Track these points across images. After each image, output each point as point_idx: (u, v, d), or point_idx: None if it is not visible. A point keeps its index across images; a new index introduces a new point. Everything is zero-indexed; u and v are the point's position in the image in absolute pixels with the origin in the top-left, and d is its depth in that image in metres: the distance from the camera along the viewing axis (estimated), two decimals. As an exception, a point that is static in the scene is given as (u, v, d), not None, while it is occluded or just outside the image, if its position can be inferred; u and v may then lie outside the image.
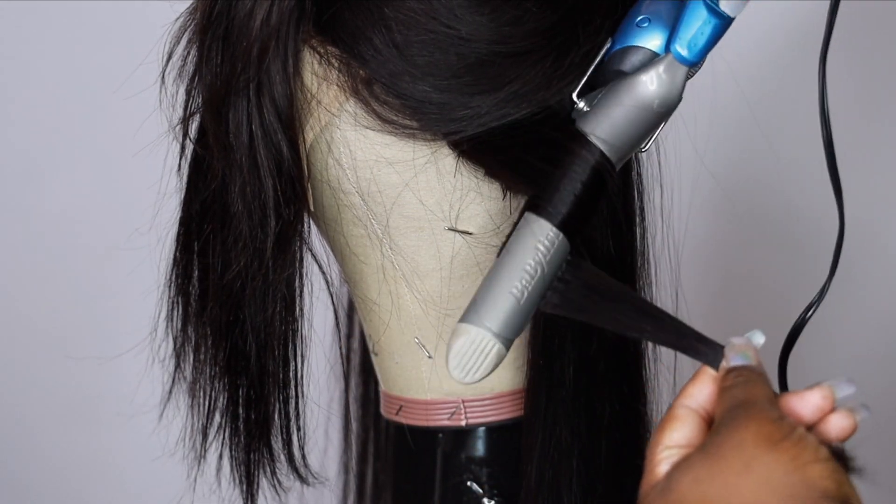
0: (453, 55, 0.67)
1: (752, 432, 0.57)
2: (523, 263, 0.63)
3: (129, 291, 0.99)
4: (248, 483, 0.76)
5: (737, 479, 0.57)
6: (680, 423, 0.62)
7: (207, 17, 0.68)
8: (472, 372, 0.63)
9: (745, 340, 0.63)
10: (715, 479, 0.57)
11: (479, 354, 0.63)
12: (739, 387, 0.61)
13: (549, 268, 0.63)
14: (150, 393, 0.81)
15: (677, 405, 0.63)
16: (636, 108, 0.65)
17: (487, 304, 0.63)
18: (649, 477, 0.61)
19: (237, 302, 0.70)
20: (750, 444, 0.57)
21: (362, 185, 0.70)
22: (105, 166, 1.40)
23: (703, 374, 0.63)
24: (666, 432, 0.62)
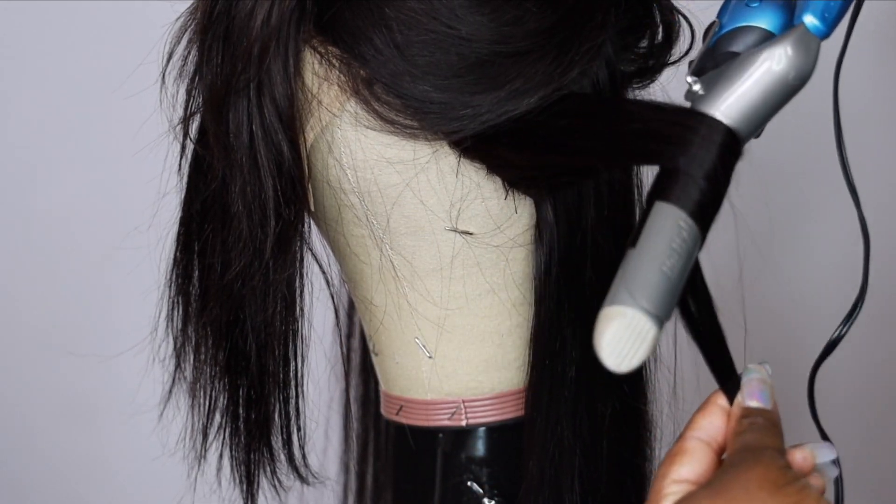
0: (454, 55, 0.67)
1: (758, 475, 0.59)
2: (670, 242, 0.59)
3: (130, 291, 0.99)
4: (249, 483, 0.76)
5: None
6: (689, 458, 0.63)
7: (208, 16, 0.68)
8: (628, 358, 0.57)
9: (763, 373, 0.64)
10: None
11: (636, 338, 0.57)
12: (753, 432, 0.62)
13: (693, 249, 0.60)
14: (151, 392, 0.81)
15: (688, 437, 0.63)
16: (770, 83, 0.62)
17: (639, 283, 0.57)
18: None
19: (237, 302, 0.70)
20: (755, 486, 0.58)
21: (363, 185, 0.70)
22: (105, 166, 1.40)
23: (714, 405, 0.64)
24: (675, 466, 0.62)
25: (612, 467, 0.72)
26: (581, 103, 0.68)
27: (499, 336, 0.73)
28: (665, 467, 0.62)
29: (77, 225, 1.43)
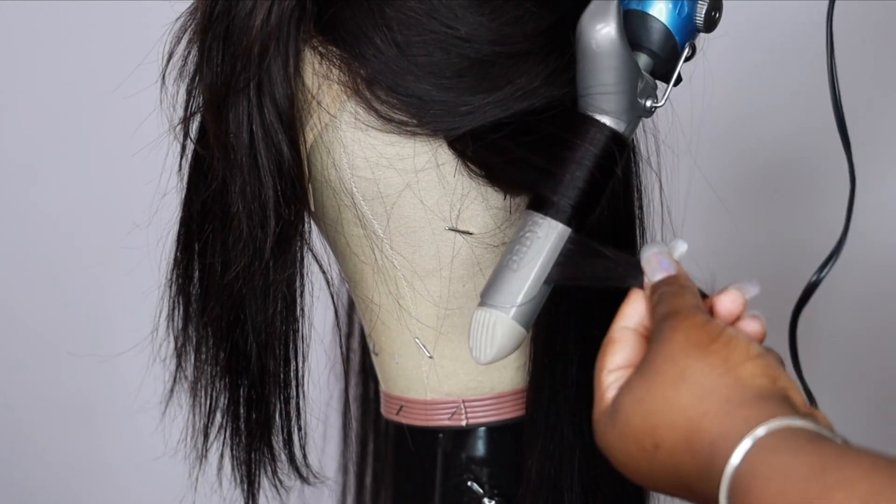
0: (454, 55, 0.67)
1: (680, 342, 0.57)
2: (517, 241, 0.65)
3: (130, 291, 0.99)
4: (250, 482, 0.76)
5: (673, 391, 0.56)
6: (619, 346, 0.61)
7: (208, 16, 0.68)
8: (483, 349, 0.65)
9: (658, 249, 0.63)
10: (654, 396, 0.57)
11: (484, 329, 0.64)
12: (665, 300, 0.60)
13: (546, 239, 0.65)
14: (152, 392, 0.81)
15: (614, 328, 0.62)
16: (585, 57, 0.65)
17: (485, 285, 0.65)
18: (599, 404, 0.60)
19: (238, 302, 0.70)
20: (680, 353, 0.57)
21: (363, 185, 0.70)
22: (105, 166, 1.40)
23: (635, 292, 0.63)
24: (607, 356, 0.61)
25: (612, 467, 0.72)
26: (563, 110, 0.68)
27: (499, 336, 0.73)
28: (599, 361, 0.62)
29: (77, 225, 1.43)
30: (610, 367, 0.61)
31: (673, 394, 0.56)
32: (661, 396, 0.57)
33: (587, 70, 0.65)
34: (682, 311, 0.59)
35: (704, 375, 0.56)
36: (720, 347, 0.57)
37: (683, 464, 0.56)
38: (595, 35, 0.64)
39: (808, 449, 0.52)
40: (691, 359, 0.57)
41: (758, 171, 1.27)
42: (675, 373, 0.57)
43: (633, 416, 0.58)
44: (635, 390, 0.58)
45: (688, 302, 0.60)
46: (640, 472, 0.58)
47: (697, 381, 0.56)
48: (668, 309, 0.60)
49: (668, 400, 0.56)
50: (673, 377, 0.57)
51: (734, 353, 0.57)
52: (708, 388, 0.56)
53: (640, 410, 0.57)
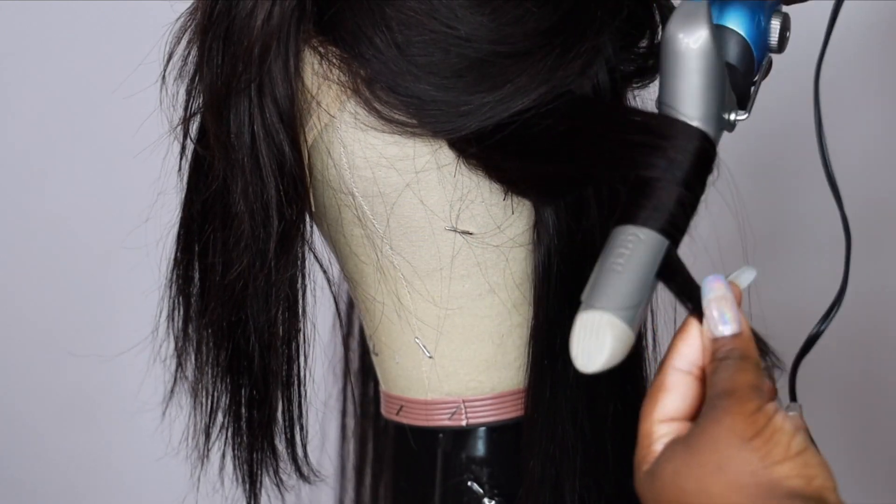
0: (454, 55, 0.67)
1: (726, 429, 0.57)
2: (619, 245, 0.61)
3: (130, 291, 0.99)
4: (252, 482, 0.76)
5: (711, 477, 0.57)
6: (672, 395, 0.61)
7: (208, 16, 0.68)
8: (595, 354, 0.60)
9: (722, 293, 0.61)
10: (692, 475, 0.57)
11: (593, 333, 0.60)
12: (724, 372, 0.59)
13: (650, 242, 0.62)
14: (153, 392, 0.81)
15: (668, 370, 0.61)
16: (675, 60, 0.63)
17: (590, 286, 0.61)
18: (645, 455, 0.60)
19: (239, 302, 0.70)
20: (723, 442, 0.57)
21: (363, 185, 0.70)
22: (106, 166, 1.40)
23: (692, 326, 0.62)
24: (658, 405, 0.60)
25: (614, 467, 0.72)
26: (575, 108, 0.67)
27: (499, 336, 0.73)
28: (648, 407, 0.60)
29: (77, 224, 1.43)
30: (660, 418, 0.60)
31: (709, 480, 0.57)
32: (698, 478, 0.57)
33: (675, 73, 0.63)
34: (738, 393, 0.58)
35: (741, 470, 0.56)
36: (761, 444, 0.57)
37: None
38: (689, 37, 0.62)
39: None
40: (732, 450, 0.57)
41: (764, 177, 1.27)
42: (714, 460, 0.57)
43: (668, 486, 0.58)
44: (676, 463, 0.58)
45: (747, 381, 0.59)
46: None
47: (734, 474, 0.56)
48: (726, 386, 0.59)
49: (703, 484, 0.57)
50: (713, 464, 0.57)
51: (774, 451, 0.57)
52: (742, 482, 0.56)
53: (677, 484, 0.58)
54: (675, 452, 0.59)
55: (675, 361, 0.61)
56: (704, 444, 0.57)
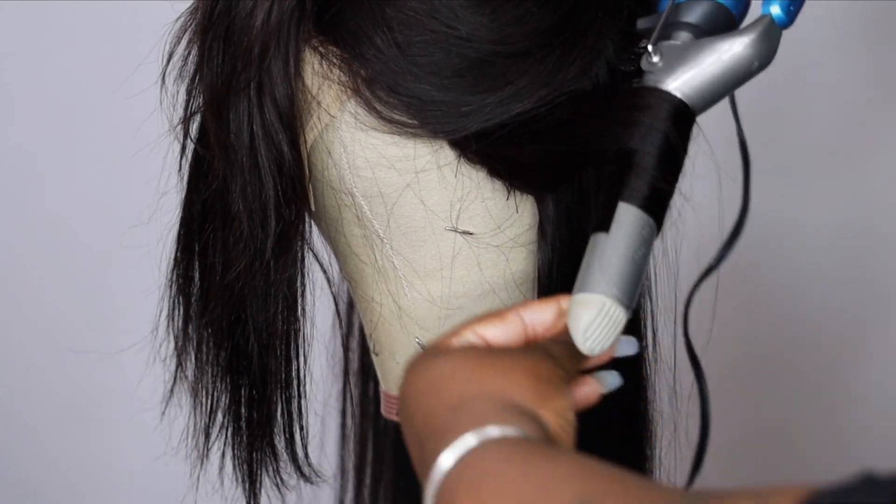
0: (455, 55, 0.67)
1: (531, 362, 0.59)
2: (641, 231, 0.63)
3: (131, 289, 0.99)
4: (251, 482, 0.76)
5: (468, 383, 0.58)
6: (501, 323, 0.62)
7: (208, 16, 0.68)
8: (601, 343, 0.61)
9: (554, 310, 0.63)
10: (468, 368, 0.58)
11: (610, 325, 0.61)
12: (557, 345, 0.62)
13: (652, 236, 0.64)
14: (153, 391, 0.81)
15: (513, 309, 0.63)
16: (734, 67, 0.65)
17: (616, 274, 0.62)
18: (443, 339, 0.61)
19: (239, 302, 0.70)
20: (521, 367, 0.58)
21: (363, 185, 0.70)
22: (106, 165, 1.40)
23: (555, 302, 0.63)
24: (484, 321, 0.62)
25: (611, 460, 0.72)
26: (572, 102, 0.68)
27: (499, 336, 0.73)
28: (477, 319, 0.62)
29: (77, 223, 1.43)
30: (477, 329, 0.61)
31: (467, 385, 0.58)
32: (469, 374, 0.58)
33: (723, 75, 0.66)
34: (558, 358, 0.61)
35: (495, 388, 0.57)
36: (550, 391, 0.58)
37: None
38: (763, 57, 0.66)
39: (522, 456, 0.52)
40: (525, 375, 0.58)
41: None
42: (505, 372, 0.58)
43: (434, 376, 0.59)
44: (466, 356, 0.59)
45: (571, 363, 0.61)
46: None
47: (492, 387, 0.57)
48: (552, 350, 0.61)
49: (459, 383, 0.58)
50: (488, 368, 0.58)
51: (556, 399, 0.58)
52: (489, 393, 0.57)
53: (442, 377, 0.59)
54: (475, 351, 0.60)
55: (526, 312, 0.63)
56: (507, 359, 0.59)
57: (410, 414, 0.59)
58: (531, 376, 0.58)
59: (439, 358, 0.59)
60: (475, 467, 0.53)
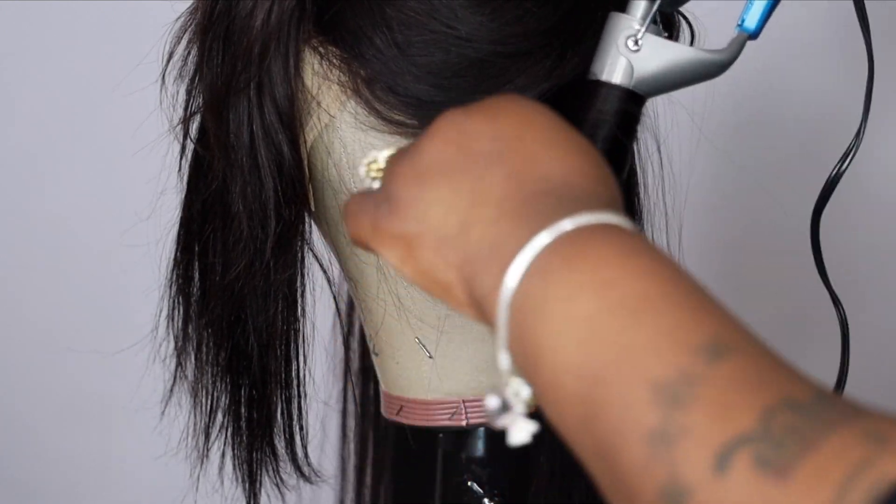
0: (454, 55, 0.67)
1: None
2: None
3: (130, 289, 0.99)
4: (251, 482, 0.76)
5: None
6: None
7: (208, 16, 0.68)
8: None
9: None
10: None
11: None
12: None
13: None
14: (152, 391, 0.81)
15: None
16: (701, 70, 0.66)
17: None
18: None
19: (239, 302, 0.71)
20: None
21: (363, 185, 0.70)
22: (106, 165, 1.40)
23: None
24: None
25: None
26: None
27: (499, 336, 0.73)
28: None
29: (77, 223, 1.43)
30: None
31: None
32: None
33: (683, 78, 0.66)
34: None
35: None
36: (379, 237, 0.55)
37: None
38: (728, 64, 0.66)
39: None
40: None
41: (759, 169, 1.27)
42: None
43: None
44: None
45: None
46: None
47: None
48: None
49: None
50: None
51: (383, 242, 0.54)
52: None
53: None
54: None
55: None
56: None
57: (508, 140, 0.52)
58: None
59: (580, 136, 0.54)
60: (603, 244, 0.47)
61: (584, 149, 0.53)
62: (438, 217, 0.51)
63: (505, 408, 0.49)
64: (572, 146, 0.52)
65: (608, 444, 0.44)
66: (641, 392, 0.43)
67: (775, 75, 1.23)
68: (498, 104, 0.54)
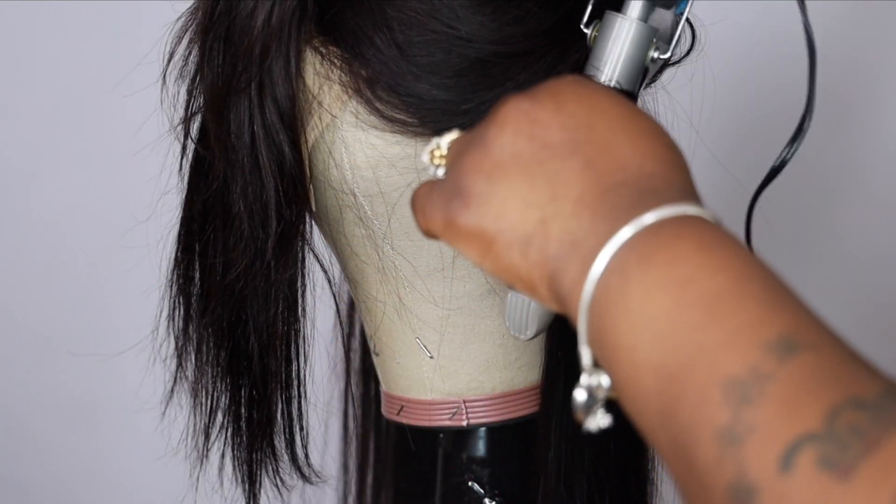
0: (455, 55, 0.67)
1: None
2: None
3: (130, 290, 0.99)
4: (251, 482, 0.76)
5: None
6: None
7: (209, 16, 0.68)
8: (523, 329, 0.64)
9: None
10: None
11: (522, 309, 0.64)
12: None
13: None
14: (152, 392, 0.81)
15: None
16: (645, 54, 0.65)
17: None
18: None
19: (239, 302, 0.70)
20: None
21: (364, 185, 0.70)
22: (106, 165, 1.40)
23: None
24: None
25: (618, 465, 0.72)
26: None
27: (500, 336, 0.73)
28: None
29: (77, 224, 1.43)
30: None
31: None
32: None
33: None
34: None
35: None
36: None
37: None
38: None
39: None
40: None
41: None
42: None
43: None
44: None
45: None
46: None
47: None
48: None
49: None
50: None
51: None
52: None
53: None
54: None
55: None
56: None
57: (579, 127, 0.52)
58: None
59: (643, 113, 0.53)
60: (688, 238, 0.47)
61: (654, 131, 0.53)
62: (517, 214, 0.51)
63: (591, 401, 0.49)
64: (642, 129, 0.52)
65: (682, 441, 0.44)
66: (713, 390, 0.44)
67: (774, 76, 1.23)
68: (562, 88, 0.53)
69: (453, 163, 0.55)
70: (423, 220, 0.56)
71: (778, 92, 1.24)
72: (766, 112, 1.26)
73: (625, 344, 0.47)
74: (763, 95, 1.25)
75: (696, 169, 0.64)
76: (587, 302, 0.48)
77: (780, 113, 1.24)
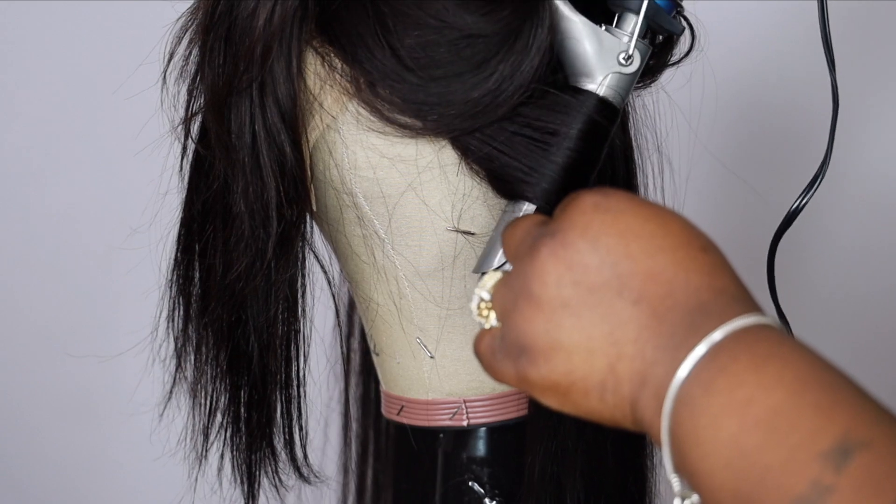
0: (453, 54, 0.67)
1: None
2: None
3: (130, 291, 0.99)
4: (250, 483, 0.76)
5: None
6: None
7: (210, 16, 0.68)
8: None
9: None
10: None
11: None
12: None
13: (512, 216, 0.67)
14: (151, 392, 0.81)
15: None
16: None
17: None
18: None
19: (239, 302, 0.70)
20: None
21: (364, 185, 0.70)
22: (106, 166, 1.40)
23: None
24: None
25: (615, 466, 0.72)
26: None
27: (500, 336, 0.73)
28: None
29: (77, 224, 1.43)
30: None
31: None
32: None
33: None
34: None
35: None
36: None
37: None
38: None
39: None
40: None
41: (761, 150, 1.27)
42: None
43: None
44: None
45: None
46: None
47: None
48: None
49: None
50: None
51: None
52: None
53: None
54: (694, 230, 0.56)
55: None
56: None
57: (613, 253, 0.53)
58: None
59: (668, 214, 0.54)
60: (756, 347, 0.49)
61: (687, 234, 0.54)
62: (585, 365, 0.54)
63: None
64: (676, 238, 0.54)
65: None
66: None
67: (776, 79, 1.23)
68: (590, 222, 0.55)
69: (505, 320, 0.57)
70: (494, 375, 0.58)
71: (780, 90, 1.24)
72: (769, 110, 1.26)
73: (702, 471, 0.49)
74: (767, 92, 1.25)
75: (697, 169, 0.64)
76: (667, 436, 0.51)
77: (780, 113, 1.24)
